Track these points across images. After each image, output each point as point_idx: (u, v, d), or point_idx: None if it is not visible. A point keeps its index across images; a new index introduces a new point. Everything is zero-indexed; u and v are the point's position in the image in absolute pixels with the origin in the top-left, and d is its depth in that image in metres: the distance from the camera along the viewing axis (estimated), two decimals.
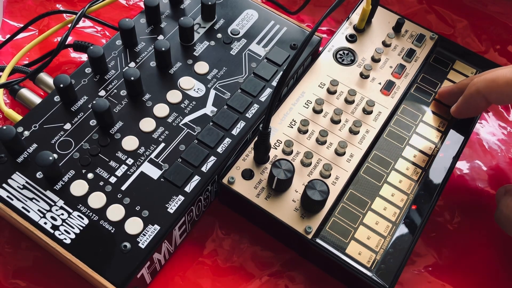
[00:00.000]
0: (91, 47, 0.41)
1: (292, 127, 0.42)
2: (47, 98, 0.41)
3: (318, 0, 0.56)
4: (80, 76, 0.42)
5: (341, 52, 0.47)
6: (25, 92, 0.44)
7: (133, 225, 0.36)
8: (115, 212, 0.36)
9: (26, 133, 0.39)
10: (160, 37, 0.45)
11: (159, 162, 0.38)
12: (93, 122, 0.40)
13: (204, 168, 0.39)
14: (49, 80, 0.45)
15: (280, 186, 0.38)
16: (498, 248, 0.43)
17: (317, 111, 0.43)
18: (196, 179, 0.38)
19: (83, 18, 0.47)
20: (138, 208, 0.36)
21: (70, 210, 0.36)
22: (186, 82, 0.43)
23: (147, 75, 0.42)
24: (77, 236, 0.35)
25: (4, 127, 0.36)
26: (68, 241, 0.35)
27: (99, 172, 0.38)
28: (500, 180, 0.46)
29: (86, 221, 0.36)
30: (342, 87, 0.44)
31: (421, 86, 0.46)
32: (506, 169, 0.47)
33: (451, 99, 0.43)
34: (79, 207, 0.36)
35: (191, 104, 0.42)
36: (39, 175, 0.37)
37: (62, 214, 0.36)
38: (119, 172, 0.38)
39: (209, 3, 0.45)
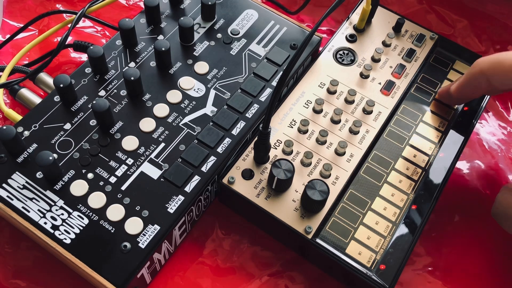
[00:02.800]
0: (91, 47, 0.41)
1: (292, 127, 0.42)
2: (47, 98, 0.41)
3: (318, 0, 0.56)
4: (80, 76, 0.42)
5: (341, 52, 0.47)
6: (25, 92, 0.44)
7: (133, 225, 0.36)
8: (115, 212, 0.36)
9: (26, 133, 0.39)
10: (160, 37, 0.45)
11: (159, 162, 0.38)
12: (93, 122, 0.40)
13: (204, 168, 0.39)
14: (49, 80, 0.45)
15: (280, 186, 0.38)
16: (498, 248, 0.43)
17: (317, 111, 0.43)
18: (196, 179, 0.38)
19: (83, 18, 0.47)
20: (138, 208, 0.36)
21: (70, 210, 0.36)
22: (186, 82, 0.43)
23: (147, 75, 0.42)
24: (77, 236, 0.35)
25: (4, 127, 0.36)
26: (68, 241, 0.35)
27: (99, 172, 0.38)
28: (500, 180, 0.46)
29: (86, 221, 0.36)
30: (342, 87, 0.44)
31: (421, 86, 0.46)
32: (506, 169, 0.47)
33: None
34: (79, 207, 0.36)
35: (191, 104, 0.42)
36: (39, 175, 0.37)
37: (62, 214, 0.36)
38: (119, 172, 0.38)
39: (209, 3, 0.45)
